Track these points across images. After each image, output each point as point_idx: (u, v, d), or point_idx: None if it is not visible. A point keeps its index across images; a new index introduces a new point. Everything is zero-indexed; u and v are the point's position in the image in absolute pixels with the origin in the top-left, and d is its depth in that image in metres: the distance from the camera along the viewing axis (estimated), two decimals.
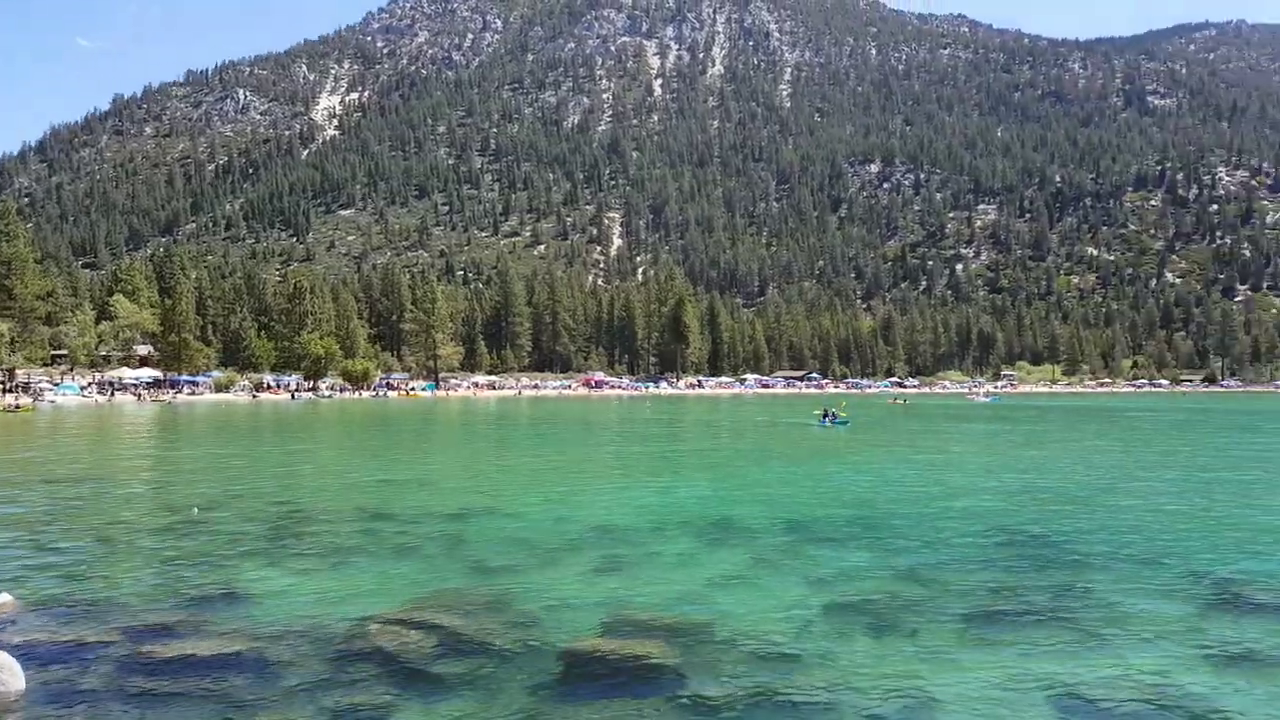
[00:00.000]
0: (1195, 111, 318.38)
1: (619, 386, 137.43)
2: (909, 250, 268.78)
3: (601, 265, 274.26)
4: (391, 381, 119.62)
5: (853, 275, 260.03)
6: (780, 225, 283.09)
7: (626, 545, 14.12)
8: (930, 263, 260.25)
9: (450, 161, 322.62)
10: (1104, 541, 14.88)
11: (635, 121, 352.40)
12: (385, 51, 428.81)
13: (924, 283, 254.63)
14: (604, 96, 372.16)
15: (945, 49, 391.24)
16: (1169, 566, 12.99)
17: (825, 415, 48.91)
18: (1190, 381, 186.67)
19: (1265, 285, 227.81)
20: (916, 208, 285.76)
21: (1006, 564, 13.07)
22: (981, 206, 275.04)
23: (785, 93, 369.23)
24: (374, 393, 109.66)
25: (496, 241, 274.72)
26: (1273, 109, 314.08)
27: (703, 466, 29.25)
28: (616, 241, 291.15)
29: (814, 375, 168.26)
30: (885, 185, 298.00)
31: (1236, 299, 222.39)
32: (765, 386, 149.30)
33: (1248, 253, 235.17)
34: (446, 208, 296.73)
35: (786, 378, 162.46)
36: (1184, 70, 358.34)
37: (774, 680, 8.05)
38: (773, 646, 8.95)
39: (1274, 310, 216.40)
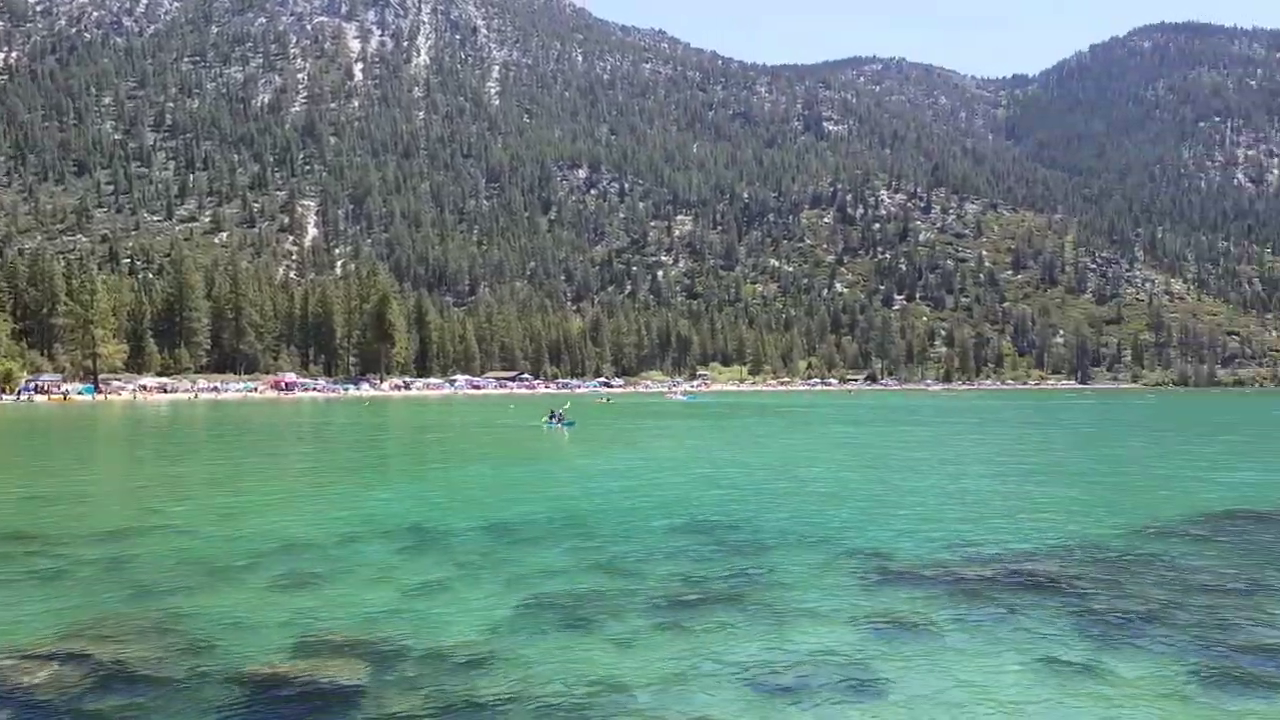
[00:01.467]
0: (863, 138, 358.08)
1: (315, 389, 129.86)
2: (615, 255, 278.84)
3: (295, 257, 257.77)
4: (41, 384, 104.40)
5: (563, 277, 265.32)
6: (491, 224, 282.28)
7: (317, 559, 13.27)
8: (634, 268, 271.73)
9: (117, 136, 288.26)
10: (781, 525, 16.21)
11: (334, 105, 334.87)
12: (38, 9, 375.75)
13: (629, 287, 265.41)
14: (299, 77, 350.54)
15: (647, 63, 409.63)
16: (833, 545, 14.40)
17: (552, 417, 48.98)
18: (855, 380, 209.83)
19: (918, 295, 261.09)
20: (622, 215, 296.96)
21: (696, 552, 13.80)
22: (680, 217, 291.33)
23: (494, 90, 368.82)
24: (17, 397, 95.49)
25: (171, 226, 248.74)
26: (925, 140, 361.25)
27: (405, 472, 28.32)
28: (312, 232, 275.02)
29: (525, 375, 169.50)
30: (593, 191, 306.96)
31: (894, 307, 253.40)
32: (476, 387, 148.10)
33: (904, 267, 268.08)
34: (111, 187, 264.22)
35: (498, 378, 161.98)
36: (855, 100, 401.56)
37: (468, 687, 7.93)
38: (469, 653, 8.82)
39: (924, 318, 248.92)
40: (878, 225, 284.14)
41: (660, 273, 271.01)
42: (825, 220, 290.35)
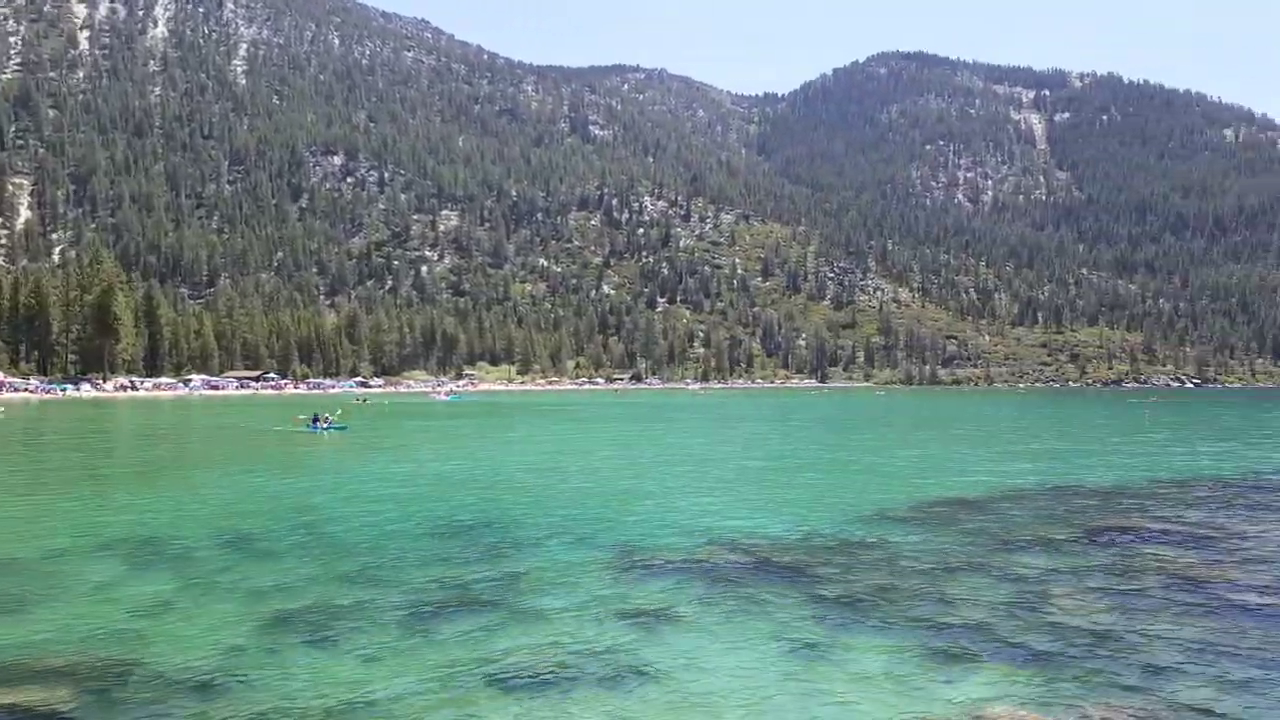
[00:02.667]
0: (628, 144, 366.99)
1: (27, 389, 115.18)
2: (375, 248, 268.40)
3: (4, 241, 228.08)
4: None
5: (315, 270, 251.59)
6: (234, 211, 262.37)
7: (26, 578, 11.67)
8: (396, 262, 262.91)
9: None
10: (539, 525, 16.23)
11: (54, 75, 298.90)
12: None
13: (390, 282, 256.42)
14: (11, 40, 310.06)
15: (409, 51, 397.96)
16: (589, 542, 14.62)
17: (315, 420, 45.73)
18: (622, 379, 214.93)
19: (679, 299, 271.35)
20: (382, 206, 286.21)
21: (451, 556, 13.52)
22: (445, 212, 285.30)
23: (240, 69, 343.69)
24: None
25: None
26: (685, 150, 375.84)
27: (131, 482, 25.67)
28: (25, 214, 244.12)
29: (272, 375, 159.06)
30: (349, 179, 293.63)
31: (658, 310, 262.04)
32: (215, 388, 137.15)
33: (666, 271, 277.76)
34: None
35: (240, 378, 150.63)
36: (619, 106, 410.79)
37: (198, 712, 7.22)
38: (202, 676, 8.11)
39: (685, 320, 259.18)
40: (642, 230, 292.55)
41: (425, 268, 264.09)
42: (592, 222, 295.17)
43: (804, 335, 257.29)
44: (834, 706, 7.74)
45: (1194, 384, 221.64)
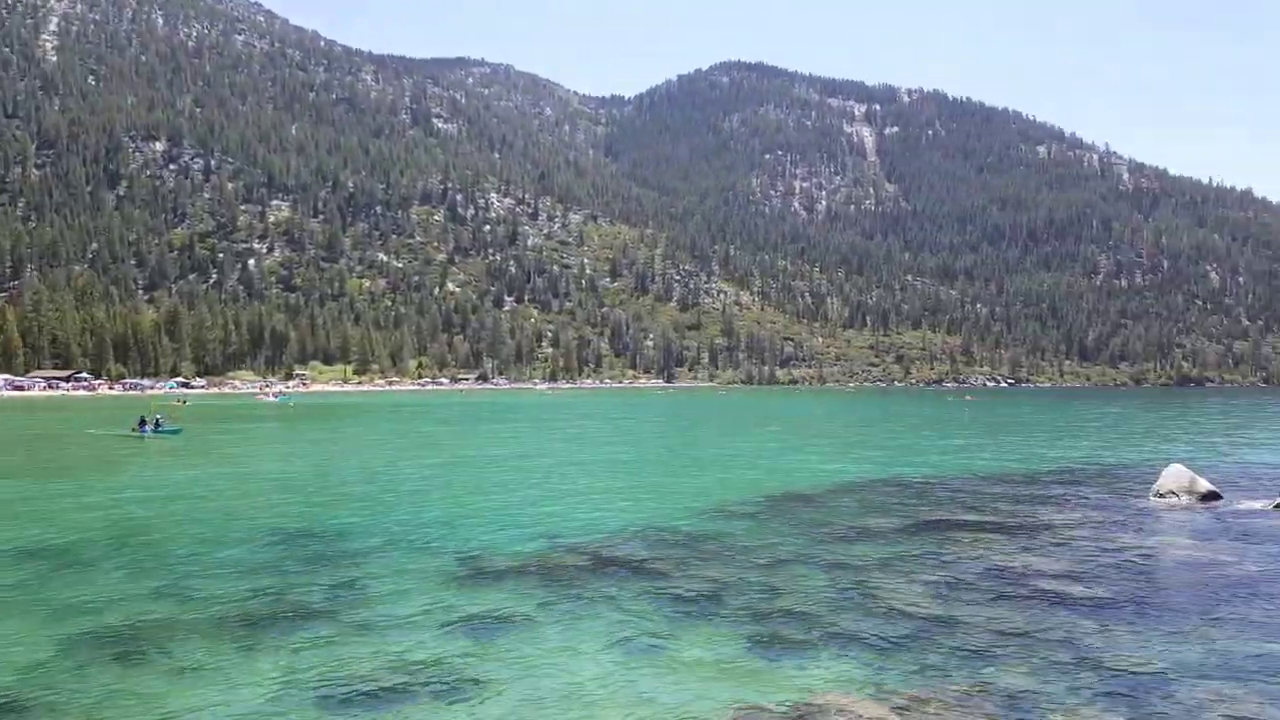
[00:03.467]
0: (473, 139, 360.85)
1: None
2: (198, 240, 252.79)
3: None
4: None
5: (134, 262, 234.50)
6: (43, 198, 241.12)
7: None
8: (221, 255, 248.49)
9: None
10: (371, 531, 15.63)
11: None
12: None
13: (214, 276, 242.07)
14: None
15: (240, 34, 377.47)
16: (425, 547, 14.26)
17: (144, 424, 42.14)
18: (467, 379, 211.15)
19: (527, 298, 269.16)
20: (207, 195, 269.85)
21: (278, 567, 12.86)
22: (276, 202, 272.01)
23: (50, 45, 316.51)
24: None
25: None
26: (533, 148, 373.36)
27: None
28: None
29: (84, 375, 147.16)
30: (172, 167, 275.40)
31: (505, 309, 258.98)
32: (19, 388, 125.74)
33: (514, 269, 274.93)
34: None
35: (49, 378, 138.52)
36: (464, 100, 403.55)
37: None
38: None
39: (533, 319, 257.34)
40: (488, 227, 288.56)
41: (252, 261, 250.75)
42: (436, 218, 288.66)
43: (652, 336, 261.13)
44: (670, 701, 7.80)
45: (1008, 383, 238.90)
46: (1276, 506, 18.22)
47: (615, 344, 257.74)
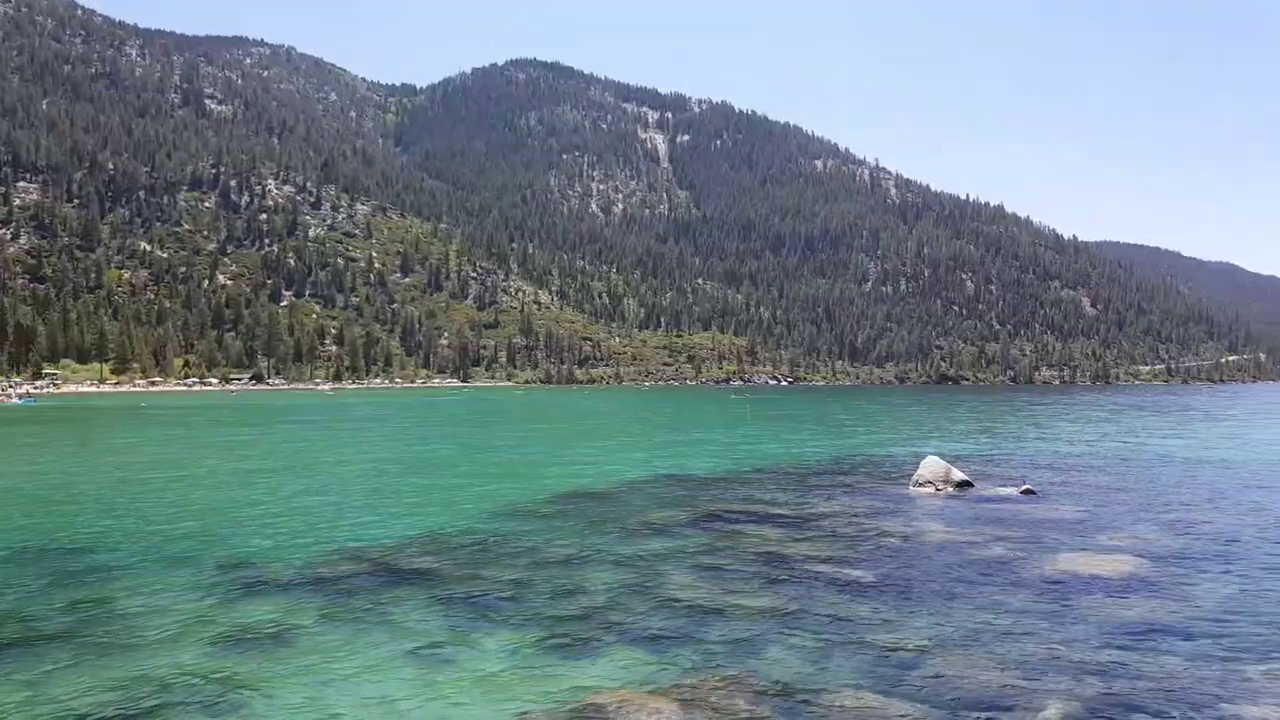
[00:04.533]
0: (249, 123, 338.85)
1: None
2: None
3: None
4: None
5: None
6: None
7: None
8: None
9: None
10: (131, 543, 14.26)
11: None
12: None
13: None
14: None
15: None
16: (191, 559, 13.16)
17: None
18: (240, 379, 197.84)
19: (308, 293, 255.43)
20: None
21: (20, 586, 11.49)
22: (22, 184, 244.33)
23: None
24: None
25: None
26: (316, 134, 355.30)
27: None
28: None
29: None
30: None
31: (282, 304, 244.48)
32: None
33: (293, 262, 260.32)
34: None
35: None
36: (240, 81, 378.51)
37: None
38: None
39: (314, 315, 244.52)
40: (265, 216, 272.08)
41: None
42: (206, 205, 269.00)
43: (446, 334, 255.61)
44: (455, 708, 7.62)
45: (788, 381, 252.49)
46: (1021, 492, 20.10)
47: (407, 342, 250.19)
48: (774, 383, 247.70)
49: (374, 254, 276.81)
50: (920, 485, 20.89)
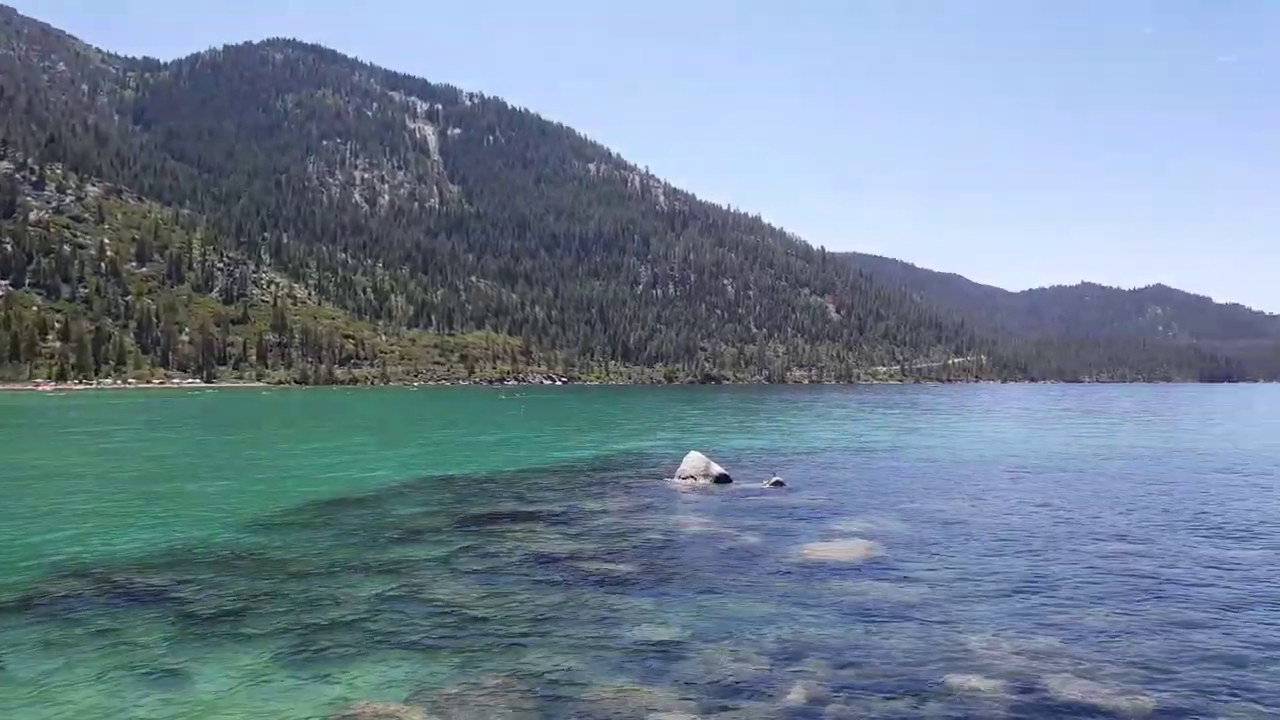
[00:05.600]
0: None
1: None
2: None
3: None
4: None
5: None
6: None
7: None
8: None
9: None
10: None
11: None
12: None
13: None
14: None
15: None
16: None
17: None
18: None
19: (28, 282, 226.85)
20: None
21: None
22: None
23: None
24: None
25: None
26: (40, 106, 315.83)
27: None
28: None
29: None
30: None
31: None
32: None
33: (10, 248, 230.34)
34: None
35: None
36: None
37: None
38: None
39: (34, 308, 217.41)
40: None
41: None
42: None
43: (188, 330, 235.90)
44: None
45: (562, 381, 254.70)
46: (772, 484, 21.28)
47: (143, 338, 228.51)
48: (549, 383, 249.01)
49: (106, 240, 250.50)
50: (683, 479, 21.66)
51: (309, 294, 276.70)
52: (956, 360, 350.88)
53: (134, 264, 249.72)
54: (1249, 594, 11.19)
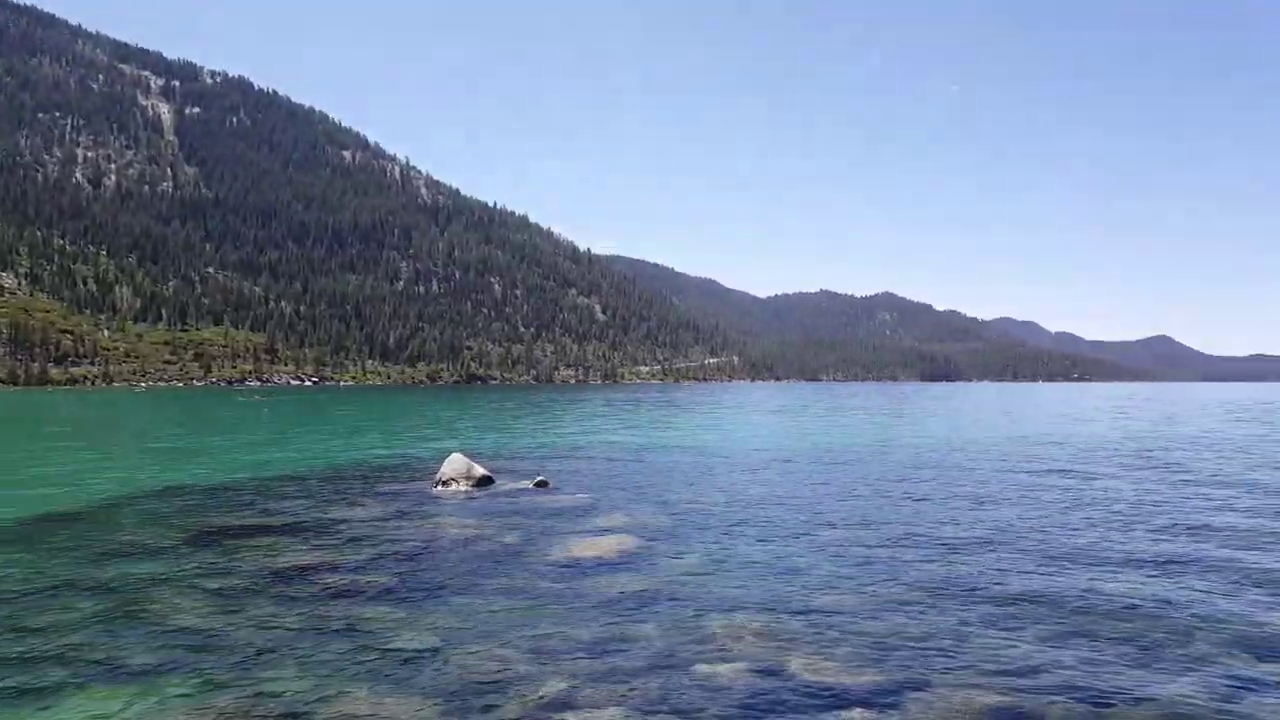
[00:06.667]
0: None
1: None
2: None
3: None
4: None
5: None
6: None
7: None
8: None
9: None
10: None
11: None
12: None
13: None
14: None
15: None
16: None
17: None
18: None
19: None
20: None
21: None
22: None
23: None
24: None
25: None
26: None
27: None
28: None
29: None
30: None
31: None
32: None
33: None
34: None
35: None
36: None
37: None
38: None
39: None
40: None
41: None
42: None
43: None
44: None
45: (313, 382, 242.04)
46: (535, 484, 21.36)
47: None
48: (297, 383, 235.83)
49: None
50: (444, 483, 21.22)
51: (19, 284, 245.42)
52: (712, 360, 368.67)
53: None
54: (968, 574, 12.56)
